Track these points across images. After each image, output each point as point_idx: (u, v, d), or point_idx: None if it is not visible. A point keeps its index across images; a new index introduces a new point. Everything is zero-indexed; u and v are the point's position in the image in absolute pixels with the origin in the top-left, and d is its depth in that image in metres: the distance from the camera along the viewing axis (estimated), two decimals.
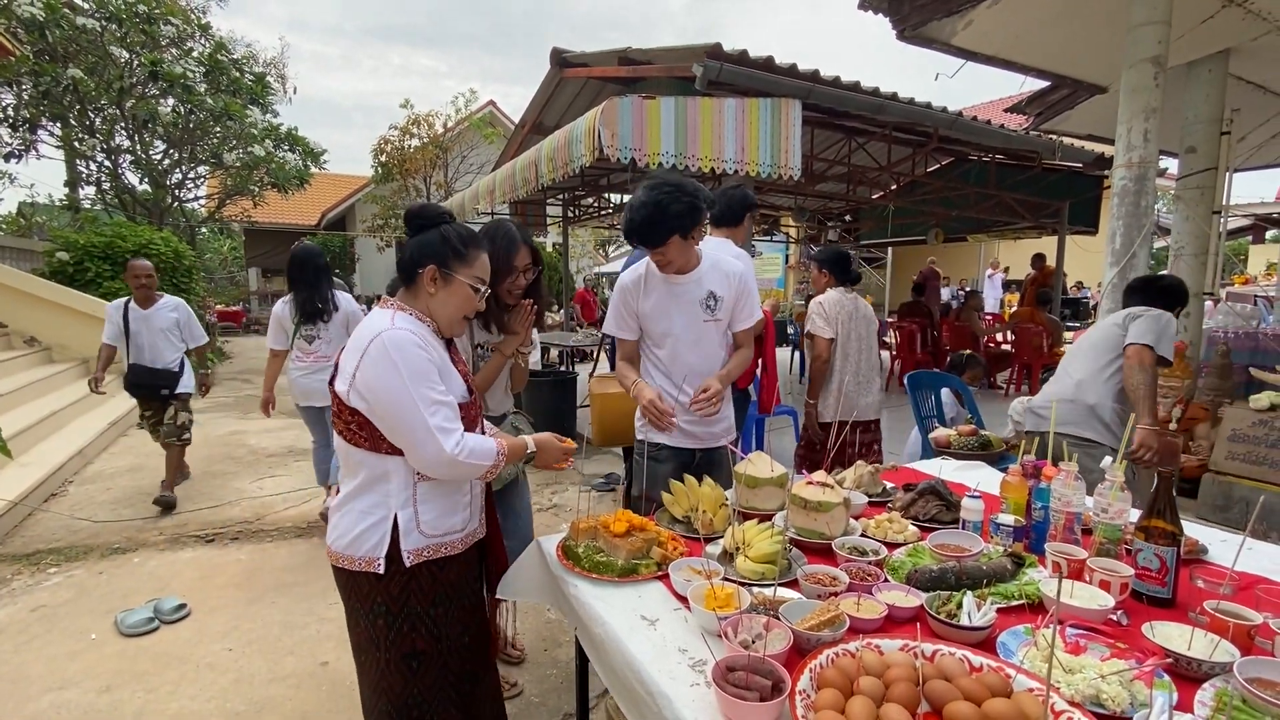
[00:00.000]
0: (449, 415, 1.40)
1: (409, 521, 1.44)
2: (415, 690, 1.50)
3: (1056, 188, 7.85)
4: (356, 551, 1.44)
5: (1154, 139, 3.12)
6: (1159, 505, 1.36)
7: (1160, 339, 2.49)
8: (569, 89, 7.71)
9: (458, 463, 1.39)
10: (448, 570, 1.52)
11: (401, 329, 1.40)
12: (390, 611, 1.47)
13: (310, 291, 3.64)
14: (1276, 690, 0.99)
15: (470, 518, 1.57)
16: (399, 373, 1.35)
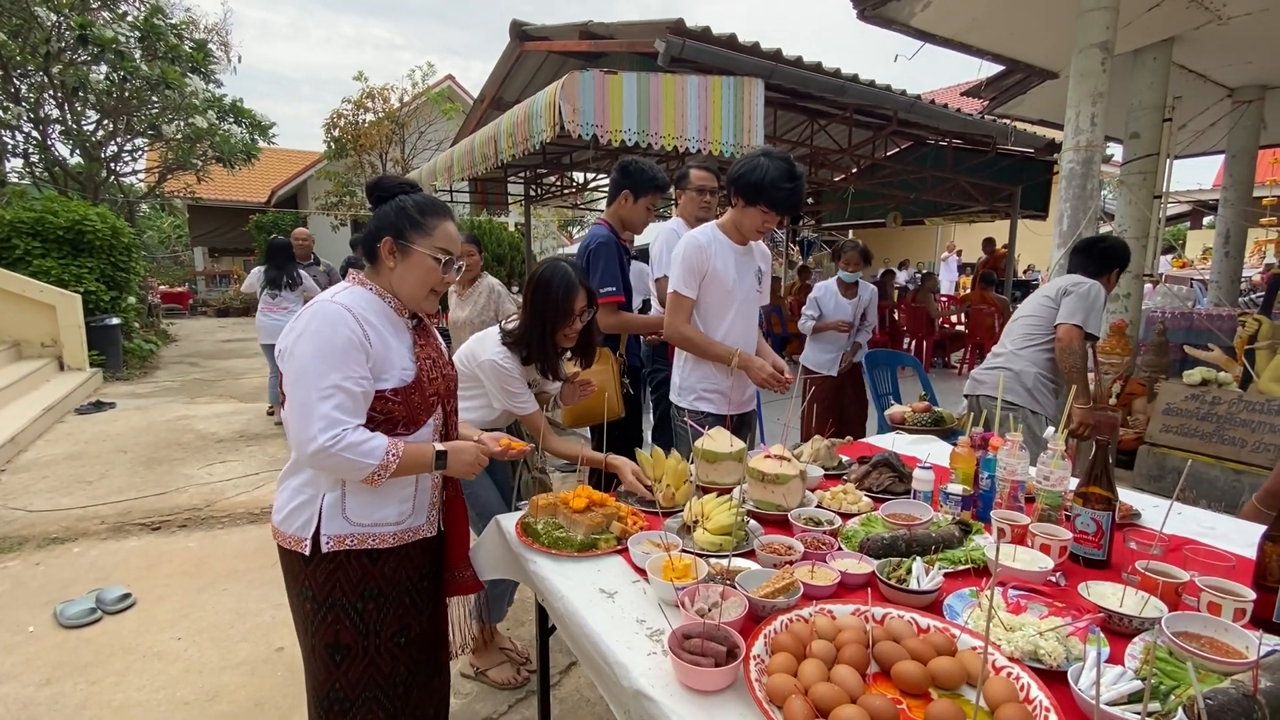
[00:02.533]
0: (342, 403, 1.29)
1: (334, 505, 1.38)
2: (337, 684, 1.44)
3: (1009, 172, 8.06)
4: (287, 528, 1.41)
5: (1101, 123, 3.21)
6: (1096, 472, 1.42)
7: (1089, 315, 2.57)
8: (529, 63, 7.54)
9: (326, 453, 1.27)
10: (382, 564, 1.44)
11: (339, 304, 1.34)
12: (315, 598, 1.41)
13: (278, 272, 5.42)
14: (1199, 643, 1.05)
15: (412, 513, 1.47)
16: (311, 345, 1.30)
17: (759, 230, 2.20)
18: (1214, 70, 4.85)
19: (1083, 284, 2.65)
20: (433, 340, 1.53)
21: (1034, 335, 2.75)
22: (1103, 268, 2.75)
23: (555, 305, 1.93)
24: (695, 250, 2.19)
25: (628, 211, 2.73)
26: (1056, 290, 2.71)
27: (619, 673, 1.07)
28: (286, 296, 5.44)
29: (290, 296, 5.45)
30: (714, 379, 2.28)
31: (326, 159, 15.62)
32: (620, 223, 2.77)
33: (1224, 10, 3.79)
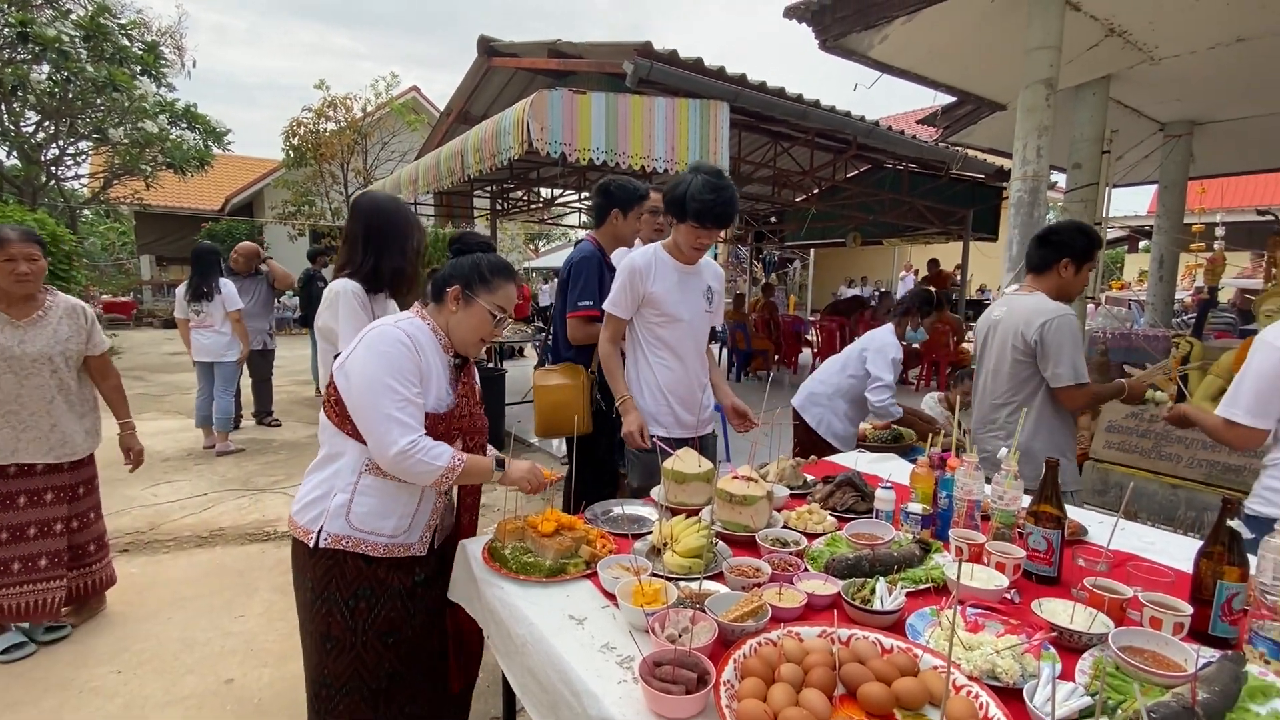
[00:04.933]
0: (412, 413, 1.47)
1: (341, 506, 1.53)
2: (326, 671, 1.58)
3: (962, 196, 8.41)
4: (301, 519, 1.57)
5: (1046, 154, 3.39)
6: (1046, 492, 1.48)
7: (1075, 366, 2.22)
8: (497, 78, 7.54)
9: (407, 456, 1.44)
10: (376, 568, 1.57)
11: (400, 329, 1.50)
12: (314, 589, 1.57)
13: (200, 279, 5.10)
14: (1143, 657, 1.10)
15: (408, 530, 1.60)
16: (378, 362, 1.45)
17: (694, 247, 2.16)
18: (1147, 106, 5.16)
19: (1048, 321, 2.23)
20: (471, 383, 1.70)
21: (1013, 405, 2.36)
22: (1047, 258, 2.36)
23: (389, 222, 2.03)
24: (633, 272, 2.20)
25: (620, 228, 2.76)
26: (1021, 342, 2.30)
27: (588, 702, 1.06)
28: (210, 311, 5.11)
29: (213, 310, 5.11)
30: (664, 401, 2.26)
31: (285, 167, 15.27)
32: (613, 240, 2.80)
33: (1155, 52, 4.06)
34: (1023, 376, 2.34)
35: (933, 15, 3.47)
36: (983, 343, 2.57)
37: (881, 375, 3.32)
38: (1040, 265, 2.41)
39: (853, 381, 3.45)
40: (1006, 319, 2.42)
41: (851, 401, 3.43)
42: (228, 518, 3.93)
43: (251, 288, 5.86)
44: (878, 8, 3.46)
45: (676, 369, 2.26)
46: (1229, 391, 1.73)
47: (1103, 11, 3.62)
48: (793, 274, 15.65)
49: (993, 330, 2.51)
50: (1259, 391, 1.65)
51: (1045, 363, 2.27)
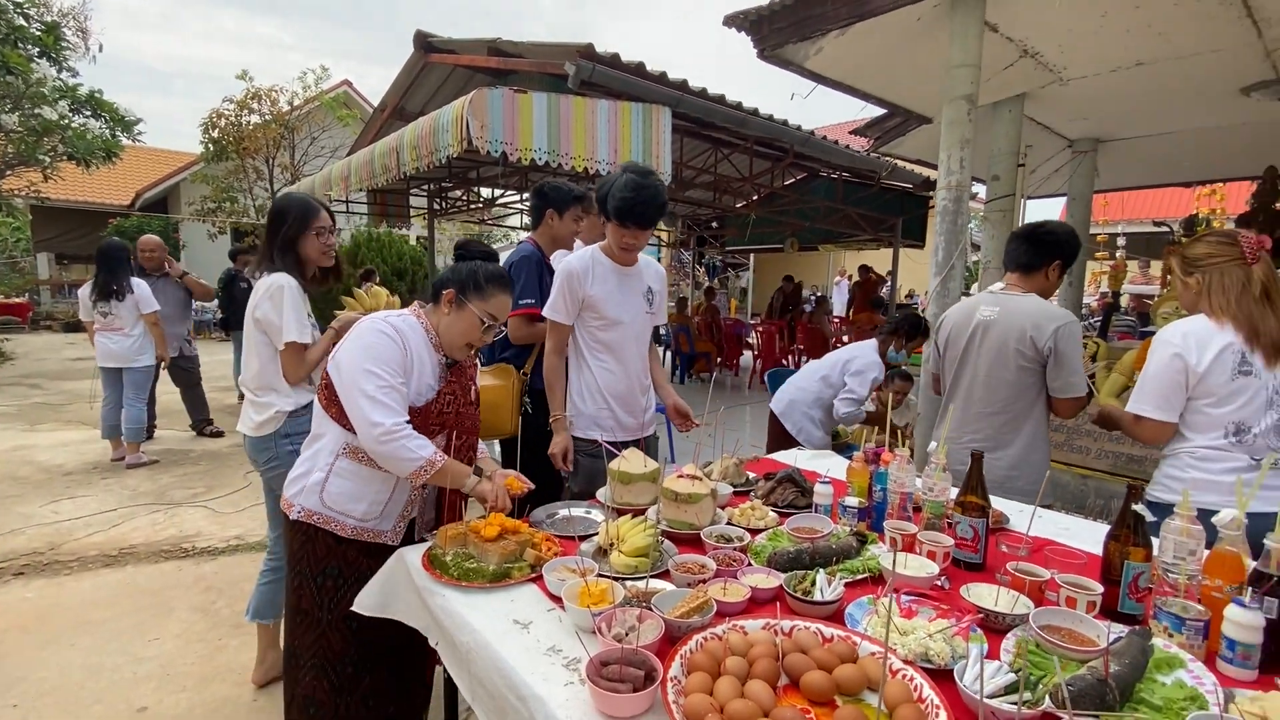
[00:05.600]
0: (395, 398, 1.55)
1: (316, 484, 1.64)
2: (295, 642, 1.68)
3: (892, 205, 8.79)
4: (288, 491, 1.69)
5: (968, 166, 3.58)
6: (972, 483, 1.56)
7: (1082, 375, 2.15)
8: (434, 75, 7.37)
9: (391, 436, 1.51)
10: (346, 549, 1.66)
11: (389, 322, 1.60)
12: (291, 561, 1.70)
13: (108, 278, 4.73)
14: (1060, 634, 1.17)
15: (379, 517, 1.69)
16: (364, 351, 1.55)
17: (621, 246, 2.14)
18: (1057, 123, 5.55)
19: (1061, 327, 2.11)
20: (462, 381, 1.77)
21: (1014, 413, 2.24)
22: (1041, 258, 2.26)
23: (296, 214, 2.16)
24: (569, 276, 2.17)
25: (557, 229, 2.76)
26: (1031, 349, 2.16)
27: (534, 707, 1.04)
28: (118, 312, 4.74)
29: (122, 311, 4.75)
30: (605, 405, 2.25)
31: (204, 161, 14.38)
32: (551, 241, 2.78)
33: (1064, 73, 4.36)
34: (1026, 384, 2.19)
35: (863, 30, 3.61)
36: (965, 345, 2.35)
37: (857, 390, 3.36)
38: (1031, 264, 2.26)
39: (831, 392, 3.49)
40: (1002, 321, 2.23)
41: (826, 410, 3.47)
42: (140, 534, 3.66)
43: (166, 288, 5.47)
44: (813, 20, 3.58)
45: (617, 372, 2.25)
46: (1135, 390, 1.86)
47: (1017, 34, 3.87)
48: (733, 280, 15.96)
49: (982, 332, 2.29)
50: (1161, 388, 1.79)
51: (1058, 371, 2.14)
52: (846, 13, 3.44)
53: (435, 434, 1.70)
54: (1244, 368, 1.70)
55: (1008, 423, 2.24)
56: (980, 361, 2.29)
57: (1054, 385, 2.18)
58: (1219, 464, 1.72)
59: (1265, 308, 1.74)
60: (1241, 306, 1.75)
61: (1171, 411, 1.78)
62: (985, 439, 2.25)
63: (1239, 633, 1.11)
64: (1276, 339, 1.68)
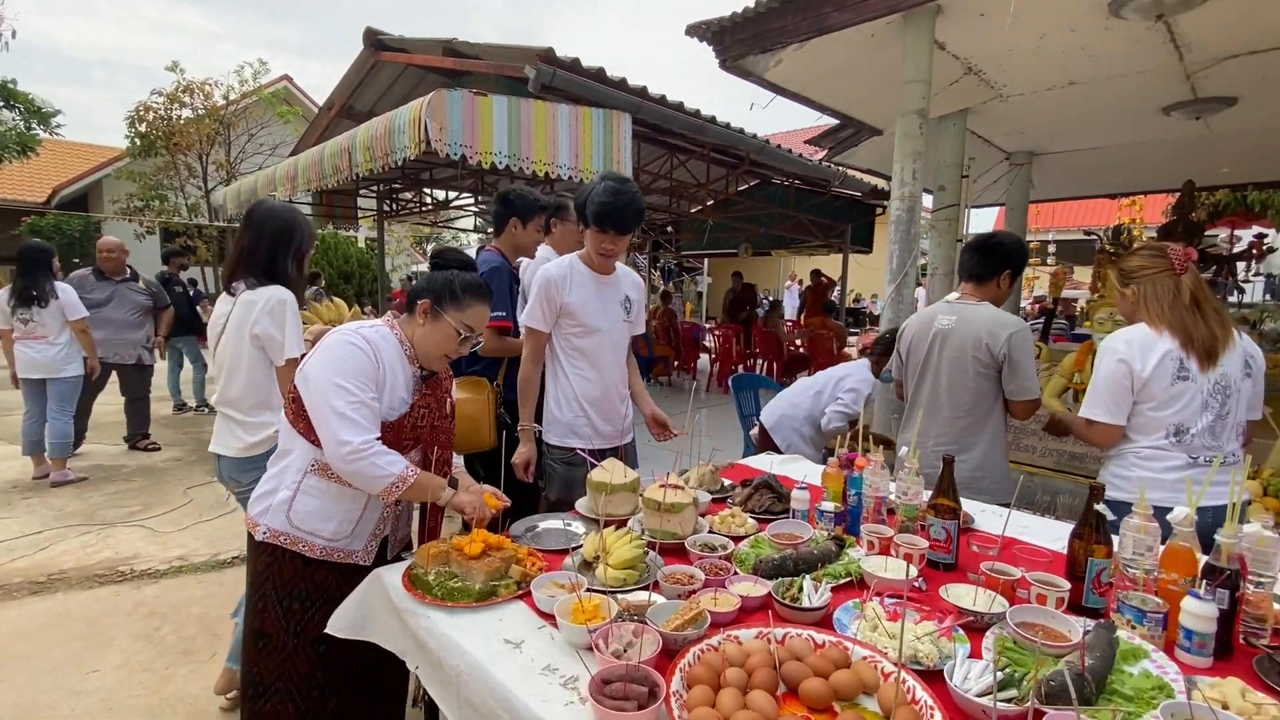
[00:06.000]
0: (366, 415, 1.49)
1: (283, 502, 1.58)
2: (255, 668, 1.60)
3: (841, 212, 9.07)
4: (252, 510, 1.64)
5: (920, 177, 3.73)
6: (944, 486, 1.62)
7: (1035, 379, 2.26)
8: (385, 73, 7.17)
9: (359, 455, 1.45)
10: (315, 571, 1.60)
11: (361, 334, 1.55)
12: (253, 582, 1.63)
13: (28, 282, 4.39)
14: (1035, 630, 1.23)
15: (349, 536, 1.63)
16: (334, 364, 1.50)
17: (600, 252, 2.15)
18: (996, 137, 5.85)
19: (1014, 334, 2.23)
20: (437, 394, 1.72)
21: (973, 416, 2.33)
22: (993, 268, 2.37)
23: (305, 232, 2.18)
24: (547, 283, 2.17)
25: (520, 237, 2.74)
26: (987, 355, 2.26)
27: None
28: (41, 319, 4.37)
29: (46, 318, 4.38)
30: (582, 413, 2.24)
31: (130, 157, 13.54)
32: (514, 249, 2.75)
33: (1005, 90, 4.60)
34: (984, 389, 2.29)
35: (821, 45, 3.72)
36: (925, 353, 2.43)
37: (850, 407, 3.29)
38: (983, 275, 2.37)
39: (820, 412, 3.45)
40: (960, 329, 2.33)
41: (817, 427, 3.44)
42: (70, 558, 3.40)
43: (125, 294, 5.16)
44: (773, 34, 3.66)
45: (595, 380, 2.24)
46: (1087, 395, 1.97)
47: (963, 52, 4.06)
48: (688, 284, 16.12)
49: (941, 340, 2.38)
50: (1110, 393, 1.91)
51: (1013, 375, 2.24)
52: (806, 27, 3.53)
53: (409, 449, 1.65)
54: (1182, 373, 1.82)
55: (970, 426, 2.34)
56: (941, 368, 2.39)
57: (1009, 389, 2.29)
58: (1161, 463, 1.84)
59: (1195, 315, 1.87)
60: (1174, 314, 1.88)
61: (1120, 415, 1.90)
62: (950, 442, 2.33)
63: (1195, 623, 1.19)
64: (1208, 344, 1.82)
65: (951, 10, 3.44)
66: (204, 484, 4.58)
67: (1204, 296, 1.90)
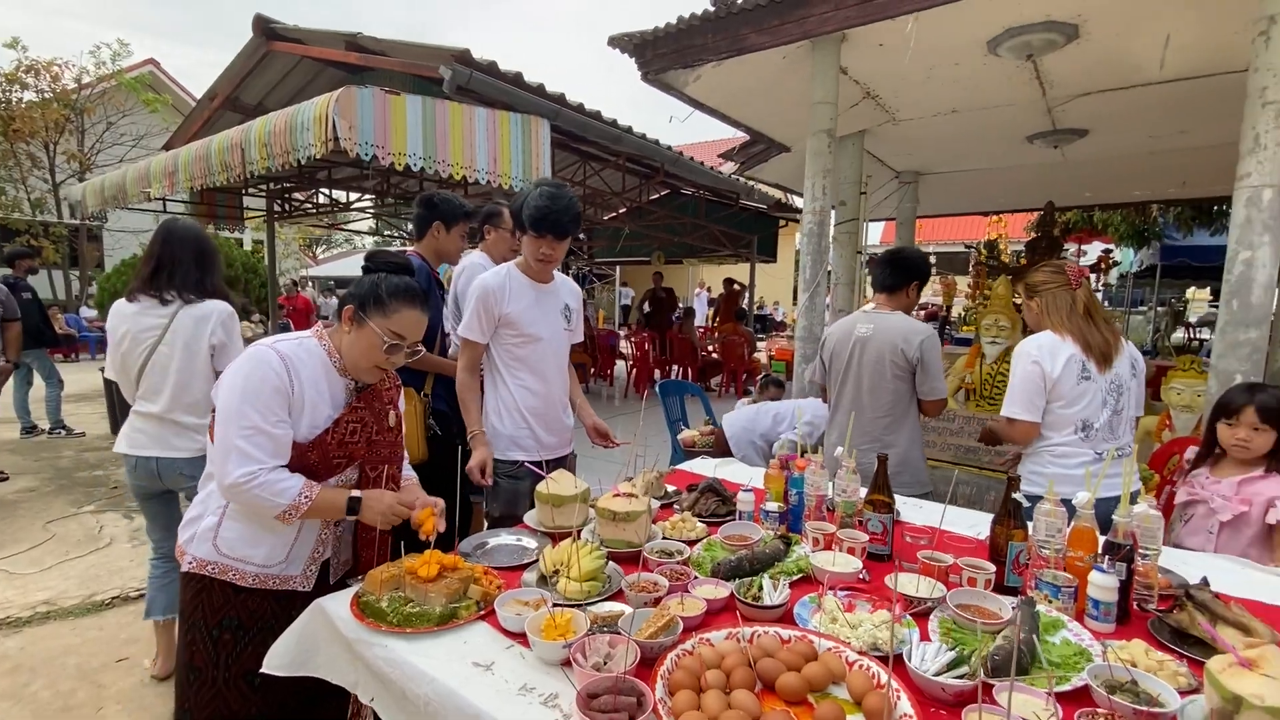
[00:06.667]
0: (260, 443, 1.40)
1: (209, 529, 1.48)
2: (188, 705, 1.50)
3: (748, 224, 9.47)
4: (181, 537, 1.54)
5: (830, 193, 3.98)
6: (879, 483, 1.74)
7: (938, 380, 2.47)
8: (276, 65, 6.69)
9: (240, 489, 1.37)
10: (248, 598, 1.49)
11: (274, 349, 1.44)
12: (183, 613, 1.52)
13: None
14: (972, 610, 1.35)
15: (285, 561, 1.52)
16: (240, 386, 1.40)
17: (537, 258, 2.12)
18: (889, 157, 6.34)
19: (926, 339, 2.43)
20: (375, 407, 1.60)
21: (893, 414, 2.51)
22: (902, 280, 2.57)
23: (207, 247, 2.35)
24: (486, 294, 2.10)
25: (443, 243, 2.65)
26: (902, 359, 2.44)
27: None
28: None
29: None
30: (525, 425, 2.19)
31: None
32: (435, 255, 2.66)
33: (897, 114, 5.01)
34: (901, 390, 2.49)
35: (739, 64, 3.88)
36: (847, 358, 2.60)
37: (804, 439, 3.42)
38: (894, 286, 2.56)
39: (779, 431, 3.64)
40: (878, 336, 2.50)
41: (770, 443, 3.63)
42: None
43: None
44: (693, 50, 3.78)
45: (538, 390, 2.20)
46: (1006, 396, 2.18)
47: (863, 78, 4.38)
48: (600, 290, 16.18)
49: (861, 347, 2.55)
50: (1026, 393, 2.12)
51: (925, 377, 2.44)
52: (725, 46, 3.67)
53: (341, 467, 1.55)
54: (1085, 374, 2.07)
55: (890, 425, 2.51)
56: (863, 373, 2.56)
57: (922, 390, 2.49)
58: (1072, 459, 2.07)
59: (1089, 323, 2.13)
60: (1073, 323, 2.13)
61: (1036, 412, 2.12)
62: (874, 440, 2.49)
63: (1101, 594, 1.35)
64: (1103, 349, 2.07)
65: (855, 39, 3.70)
66: (67, 516, 4.04)
67: (1095, 308, 2.16)
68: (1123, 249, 10.97)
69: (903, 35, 3.46)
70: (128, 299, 2.27)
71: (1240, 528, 1.87)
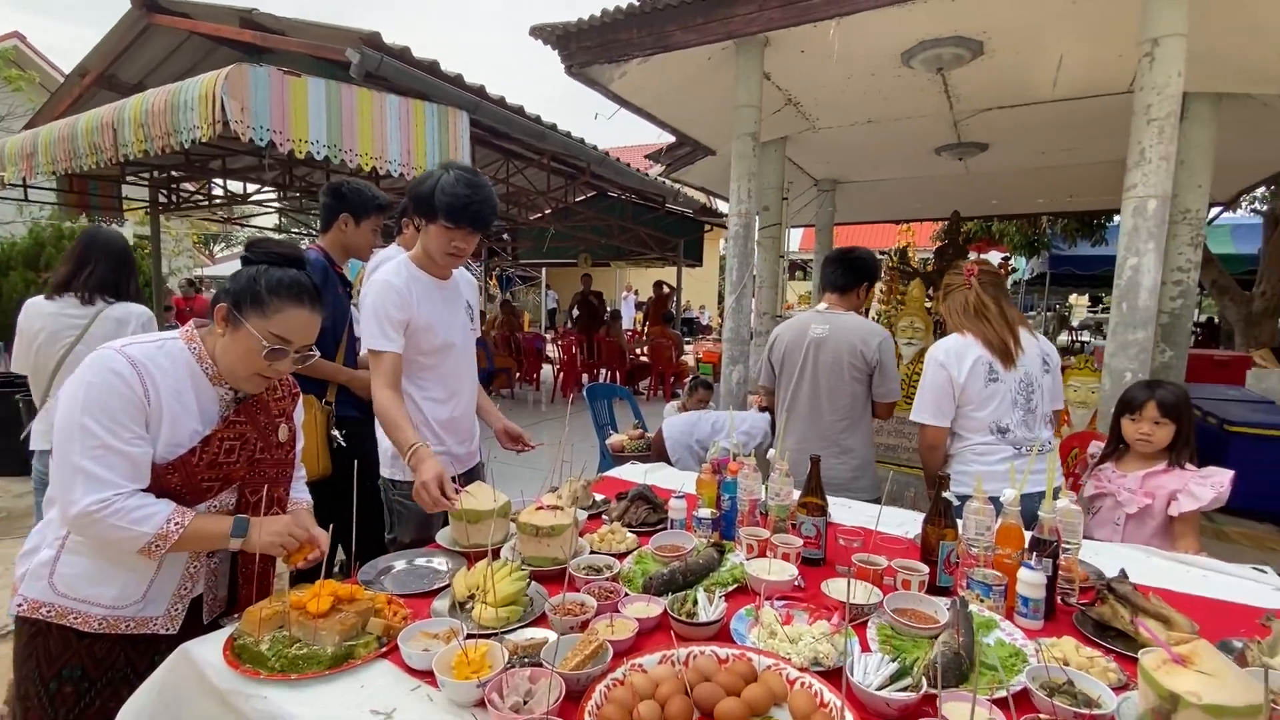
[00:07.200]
0: (112, 463, 1.19)
1: (44, 565, 1.26)
2: None
3: (675, 227, 9.51)
4: (16, 569, 1.31)
5: (755, 196, 4.00)
6: (812, 485, 1.70)
7: (894, 382, 2.45)
8: (160, 41, 6.09)
9: (91, 518, 1.17)
10: (96, 645, 1.27)
11: (124, 353, 1.23)
12: (16, 661, 1.30)
13: None
14: (909, 615, 1.31)
15: (141, 600, 1.29)
16: (83, 397, 1.19)
17: (448, 252, 1.85)
18: (808, 165, 6.51)
19: (883, 341, 2.41)
20: (259, 421, 1.40)
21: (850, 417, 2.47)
22: (854, 280, 2.54)
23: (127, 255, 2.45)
24: (391, 295, 1.82)
25: (351, 237, 2.41)
26: (861, 361, 2.40)
27: None
28: None
29: None
30: (435, 438, 1.95)
31: None
32: (342, 250, 2.41)
33: (817, 123, 5.13)
34: (858, 394, 2.41)
35: (664, 62, 3.83)
36: (801, 360, 2.52)
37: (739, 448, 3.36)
38: (846, 286, 2.51)
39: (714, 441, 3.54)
40: (835, 337, 2.44)
41: (706, 449, 3.52)
42: None
43: None
44: (619, 45, 3.69)
45: (447, 400, 1.99)
46: (916, 401, 2.20)
47: (785, 85, 4.44)
48: (524, 293, 15.84)
49: (816, 348, 2.47)
50: (935, 398, 2.15)
51: (882, 379, 2.40)
52: (650, 43, 3.61)
53: (215, 490, 1.35)
54: (993, 376, 2.11)
55: (848, 428, 2.45)
56: (819, 375, 2.47)
57: (878, 392, 2.45)
58: (993, 456, 2.10)
59: (982, 320, 2.17)
60: (968, 320, 2.18)
61: (944, 417, 2.14)
62: (832, 444, 2.43)
63: (1030, 590, 1.35)
64: (999, 346, 2.11)
65: (778, 44, 3.73)
66: None
67: (984, 304, 2.17)
68: (1016, 258, 11.85)
69: (824, 42, 3.51)
70: (46, 297, 2.36)
71: (1144, 519, 1.97)
